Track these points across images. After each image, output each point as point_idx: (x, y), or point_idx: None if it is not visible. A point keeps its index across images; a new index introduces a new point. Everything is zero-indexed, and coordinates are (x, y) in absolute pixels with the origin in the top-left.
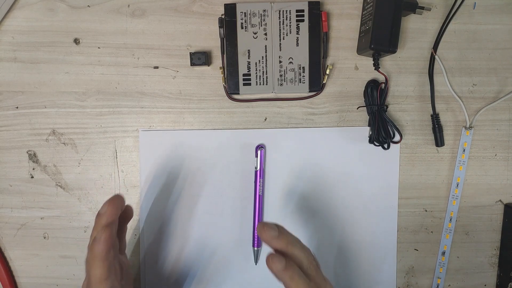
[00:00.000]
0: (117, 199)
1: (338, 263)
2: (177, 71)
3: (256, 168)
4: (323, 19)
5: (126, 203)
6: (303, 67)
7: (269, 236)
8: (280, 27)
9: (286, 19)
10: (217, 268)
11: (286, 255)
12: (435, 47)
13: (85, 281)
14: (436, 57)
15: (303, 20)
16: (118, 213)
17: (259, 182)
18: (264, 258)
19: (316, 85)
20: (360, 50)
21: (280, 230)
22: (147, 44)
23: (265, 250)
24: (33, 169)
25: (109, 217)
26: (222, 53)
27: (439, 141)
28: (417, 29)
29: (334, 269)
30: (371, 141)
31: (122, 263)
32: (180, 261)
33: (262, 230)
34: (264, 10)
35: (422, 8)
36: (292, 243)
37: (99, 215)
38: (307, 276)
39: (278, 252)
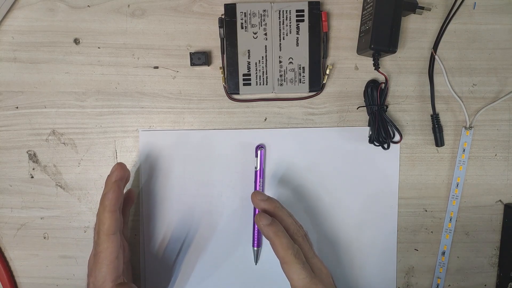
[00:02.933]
0: (123, 164)
1: (338, 263)
2: (177, 71)
3: (256, 168)
4: (323, 19)
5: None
6: (303, 67)
7: (258, 199)
8: (280, 27)
9: (286, 19)
10: (217, 268)
11: (274, 217)
12: (435, 47)
13: (92, 252)
14: (436, 57)
15: (303, 20)
16: (125, 175)
17: (259, 182)
18: (264, 258)
19: (316, 85)
20: (360, 50)
21: (269, 197)
22: (147, 44)
23: (265, 250)
24: (33, 169)
25: (118, 175)
26: (222, 53)
27: (439, 141)
28: (417, 29)
29: (333, 269)
30: (371, 141)
31: (125, 246)
32: (180, 260)
33: (254, 195)
34: (264, 10)
35: (422, 8)
36: (280, 208)
37: (109, 176)
38: (294, 241)
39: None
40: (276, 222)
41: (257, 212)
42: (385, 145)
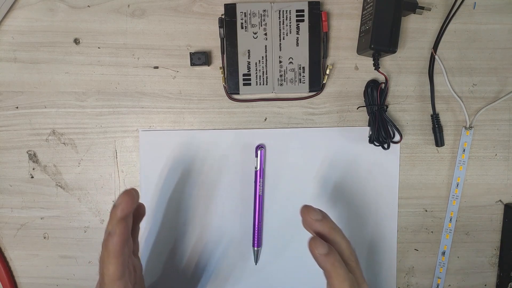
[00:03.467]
0: (132, 191)
1: None
2: (177, 71)
3: (256, 168)
4: (323, 19)
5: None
6: (303, 67)
7: (312, 219)
8: (280, 27)
9: (286, 19)
10: (217, 268)
11: (327, 241)
12: (435, 47)
13: (98, 283)
14: (436, 57)
15: (303, 20)
16: (133, 205)
17: (259, 182)
18: (264, 259)
19: (316, 85)
20: (360, 50)
21: (323, 215)
22: (147, 44)
23: (265, 250)
24: (33, 169)
25: (125, 209)
26: (222, 53)
27: (439, 141)
28: (417, 29)
29: None
30: (371, 141)
31: (136, 265)
32: (180, 261)
33: (306, 212)
34: (264, 10)
35: (422, 8)
36: (335, 229)
37: (114, 208)
38: (347, 266)
39: (320, 237)
40: (334, 251)
41: (257, 221)
42: (385, 145)
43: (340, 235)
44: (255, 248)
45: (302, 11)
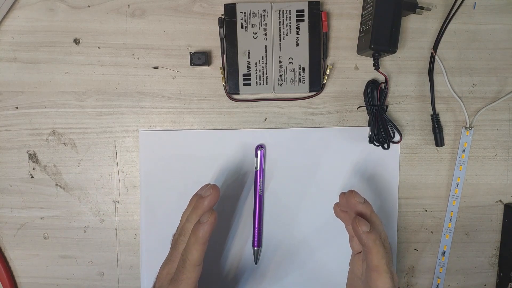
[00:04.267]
0: (218, 187)
1: (338, 263)
2: (177, 71)
3: (256, 168)
4: (323, 19)
5: (127, 203)
6: (303, 67)
7: (357, 201)
8: (280, 27)
9: (286, 19)
10: (217, 268)
11: (369, 221)
12: (435, 47)
13: (168, 261)
14: (436, 57)
15: (303, 20)
16: (218, 198)
17: (259, 182)
18: (264, 259)
19: (316, 85)
20: (360, 50)
21: (365, 199)
22: (147, 44)
23: (265, 250)
24: (33, 169)
25: (212, 201)
26: (222, 53)
27: (439, 141)
28: (417, 29)
29: (333, 268)
30: (371, 141)
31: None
32: None
33: (351, 195)
34: (264, 10)
35: (422, 8)
36: (374, 213)
37: (201, 198)
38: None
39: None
40: (375, 230)
41: (257, 221)
42: (385, 145)
43: (378, 219)
44: (255, 248)
45: (302, 11)
